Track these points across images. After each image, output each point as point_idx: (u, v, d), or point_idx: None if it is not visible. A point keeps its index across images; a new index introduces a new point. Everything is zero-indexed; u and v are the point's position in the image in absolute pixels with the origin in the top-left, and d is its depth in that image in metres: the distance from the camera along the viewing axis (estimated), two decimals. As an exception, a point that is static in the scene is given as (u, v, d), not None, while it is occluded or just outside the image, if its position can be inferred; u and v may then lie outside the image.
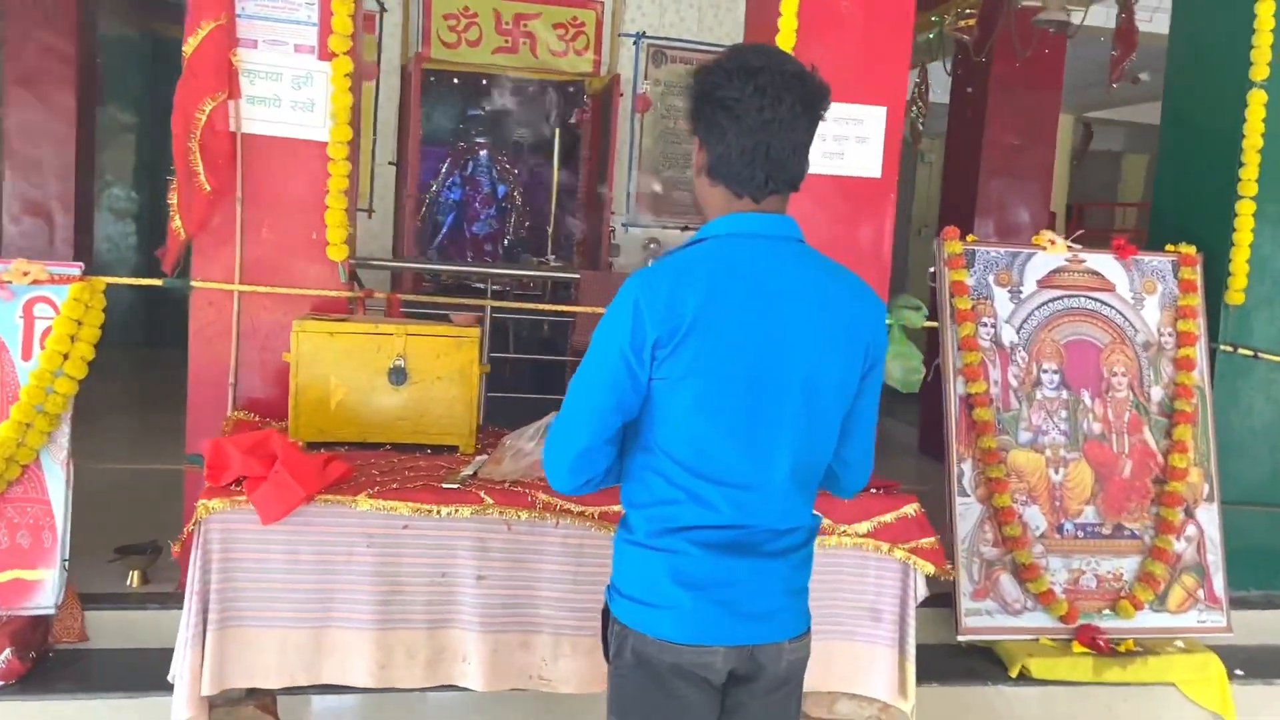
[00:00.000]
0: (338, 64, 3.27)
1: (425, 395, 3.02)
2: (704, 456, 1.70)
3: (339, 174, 3.29)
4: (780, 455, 1.72)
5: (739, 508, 1.71)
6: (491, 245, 8.20)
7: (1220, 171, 4.06)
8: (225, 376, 3.36)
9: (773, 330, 1.68)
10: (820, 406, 1.74)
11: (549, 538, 2.68)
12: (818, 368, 1.72)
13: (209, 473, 2.56)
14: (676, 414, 1.69)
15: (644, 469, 1.75)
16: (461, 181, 8.20)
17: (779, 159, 1.71)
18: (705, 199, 1.80)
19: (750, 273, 1.69)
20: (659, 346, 1.66)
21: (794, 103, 1.70)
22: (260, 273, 3.36)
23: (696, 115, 1.77)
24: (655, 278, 1.68)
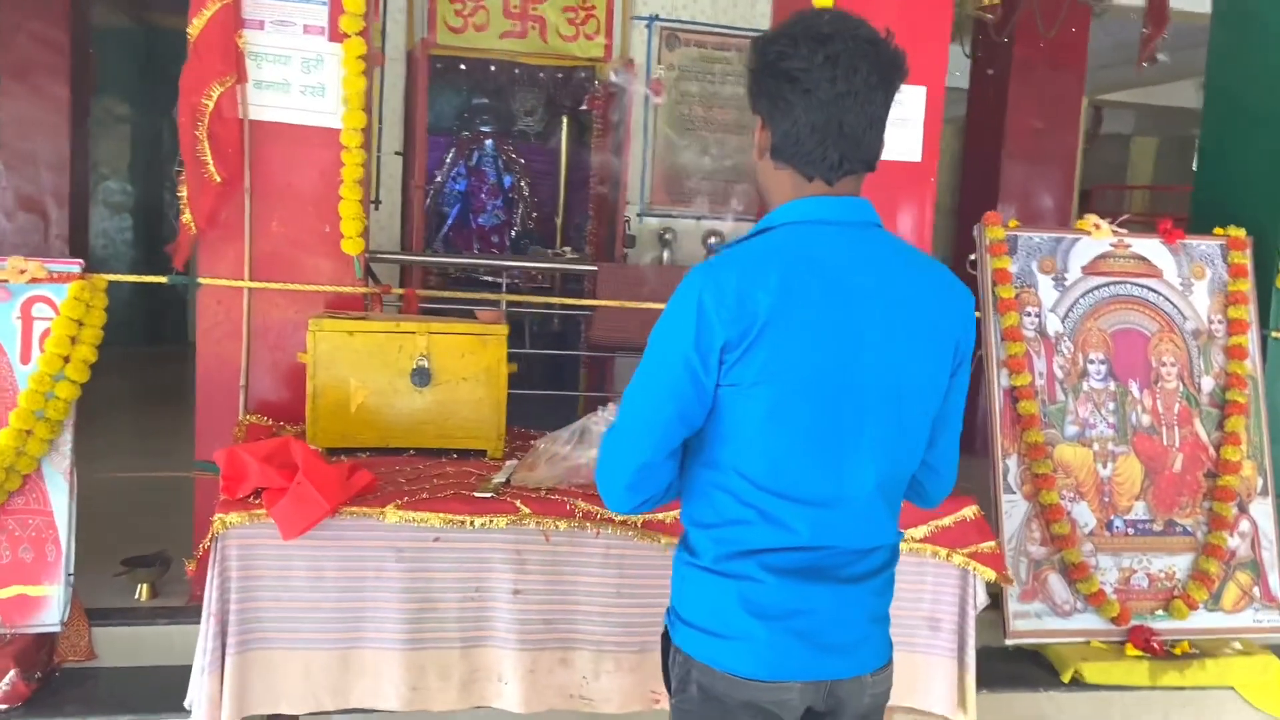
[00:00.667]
0: (350, 45, 3.09)
1: (451, 397, 2.85)
2: (779, 471, 1.52)
3: (353, 163, 3.11)
4: (865, 467, 1.55)
5: (818, 527, 1.54)
6: (498, 237, 8.02)
7: (1270, 152, 3.89)
8: (236, 379, 3.19)
9: (855, 328, 1.51)
10: (908, 410, 1.57)
11: (589, 548, 2.51)
12: (904, 368, 1.54)
13: (225, 484, 2.38)
14: (748, 424, 1.51)
15: (709, 486, 1.58)
16: (467, 172, 8.00)
17: (853, 135, 1.53)
18: (770, 183, 1.62)
19: (827, 264, 1.52)
20: (728, 350, 1.48)
21: (869, 72, 1.52)
22: (271, 268, 3.18)
23: (758, 90, 1.59)
24: (721, 272, 1.50)
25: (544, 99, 7.69)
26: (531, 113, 7.84)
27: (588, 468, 2.65)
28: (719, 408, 1.53)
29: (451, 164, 7.95)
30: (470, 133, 7.99)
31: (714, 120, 5.97)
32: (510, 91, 7.57)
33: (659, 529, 2.51)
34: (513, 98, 7.74)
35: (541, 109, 7.82)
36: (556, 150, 7.64)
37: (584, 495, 2.53)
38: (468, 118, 7.97)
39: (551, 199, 7.95)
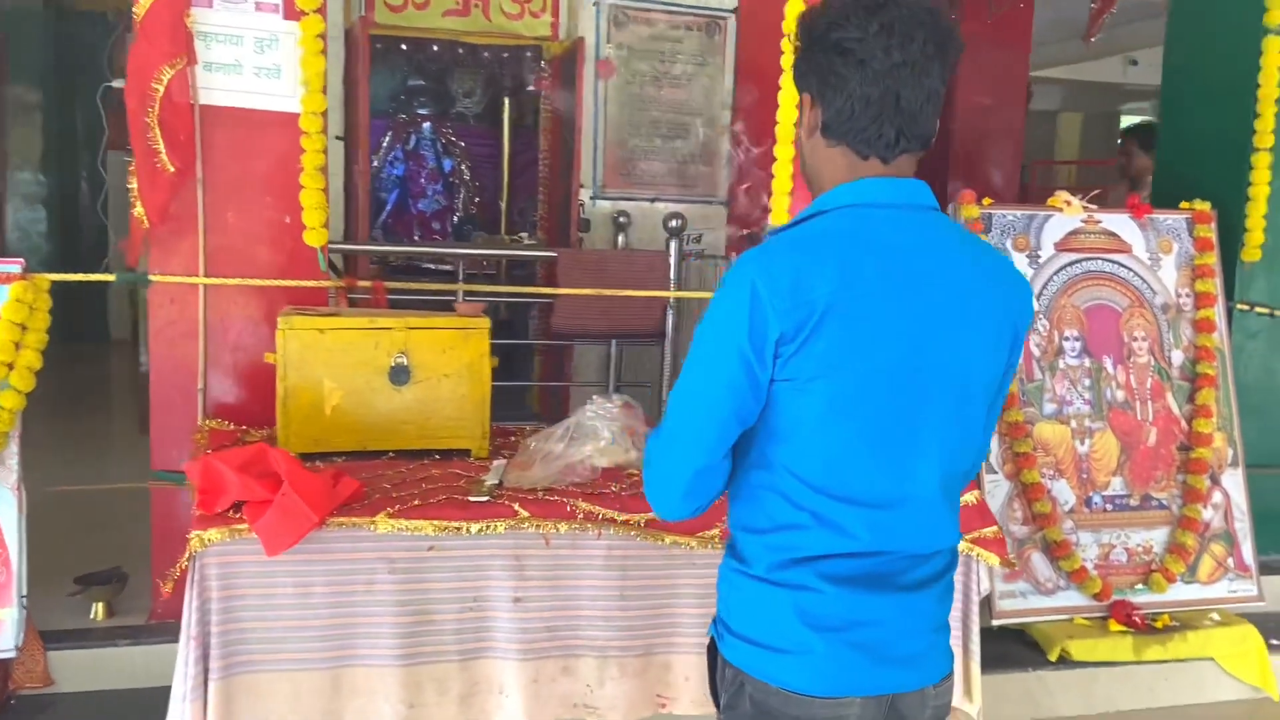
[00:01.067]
0: (307, 23, 2.90)
1: (432, 395, 2.70)
2: (837, 472, 1.43)
3: (314, 149, 2.94)
4: (929, 465, 1.46)
5: (877, 531, 1.45)
6: (440, 223, 7.80)
7: (1232, 124, 3.91)
8: (193, 381, 2.99)
9: (918, 317, 1.42)
10: (970, 403, 1.48)
11: (591, 551, 2.40)
12: (968, 359, 1.46)
13: (201, 498, 2.22)
14: (804, 422, 1.41)
15: (759, 488, 1.48)
16: (405, 156, 7.76)
17: (911, 110, 1.44)
18: (819, 164, 1.52)
19: (887, 250, 1.42)
20: (784, 342, 1.38)
21: (925, 42, 1.42)
22: (227, 263, 2.99)
23: (806, 65, 1.49)
24: (775, 259, 1.40)
25: (483, 80, 7.49)
26: (470, 94, 7.63)
27: (583, 465, 2.54)
28: (772, 404, 1.43)
29: (388, 148, 7.70)
30: (407, 115, 7.75)
31: (666, 100, 5.85)
32: (449, 72, 7.35)
33: (662, 528, 2.41)
34: (451, 79, 7.52)
35: (480, 90, 7.62)
36: (498, 133, 7.45)
37: (584, 495, 2.42)
38: (404, 100, 7.73)
39: (494, 183, 7.75)
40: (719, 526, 2.44)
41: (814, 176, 1.54)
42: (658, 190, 5.89)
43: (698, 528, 2.43)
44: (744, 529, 1.51)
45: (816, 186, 1.53)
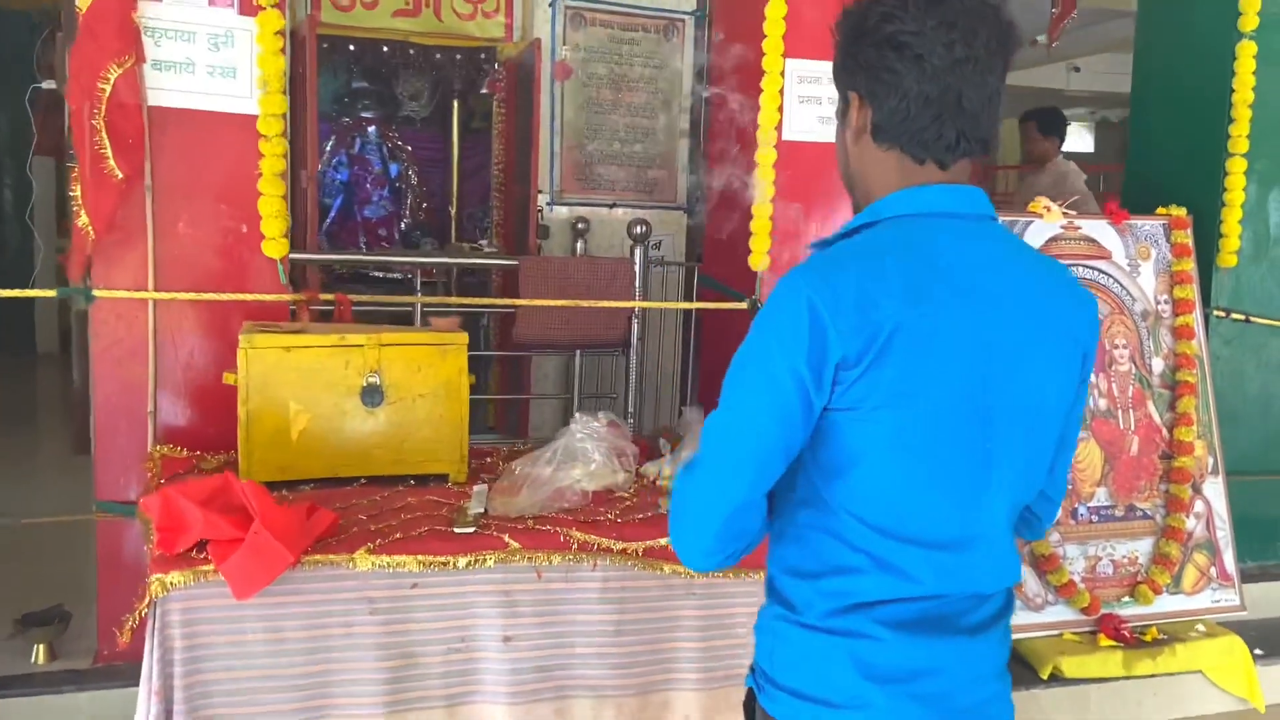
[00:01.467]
0: (265, 19, 2.71)
1: (406, 417, 2.53)
2: (901, 511, 1.29)
3: (273, 153, 2.74)
4: (998, 500, 1.34)
5: (943, 574, 1.31)
6: (386, 230, 7.57)
7: (1204, 130, 3.88)
8: (142, 404, 2.77)
9: (985, 338, 1.29)
10: (1040, 432, 1.36)
11: (585, 583, 2.24)
12: (1038, 383, 1.34)
13: (161, 537, 2.02)
14: (865, 456, 1.28)
15: (808, 528, 1.34)
16: (349, 161, 7.52)
17: (972, 111, 1.31)
18: (869, 169, 1.38)
19: (952, 265, 1.29)
20: (845, 366, 1.24)
21: (989, 38, 1.30)
22: (178, 276, 2.77)
23: (854, 61, 1.35)
24: (834, 273, 1.26)
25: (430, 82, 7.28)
26: (417, 96, 7.41)
27: (572, 490, 2.39)
28: (825, 436, 1.29)
29: (332, 152, 7.46)
30: (351, 118, 7.51)
31: (624, 103, 5.71)
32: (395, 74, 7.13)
33: (661, 557, 2.27)
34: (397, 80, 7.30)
35: (428, 92, 7.41)
36: (447, 136, 7.25)
37: (576, 523, 2.26)
38: (348, 102, 7.49)
39: (443, 188, 7.55)
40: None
41: (859, 182, 1.40)
42: (616, 195, 5.74)
43: (698, 556, 2.29)
44: (790, 572, 1.37)
45: (862, 193, 1.40)
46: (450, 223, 7.19)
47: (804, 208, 3.32)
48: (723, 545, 1.32)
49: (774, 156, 3.19)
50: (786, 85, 3.20)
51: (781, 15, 3.13)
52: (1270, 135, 3.80)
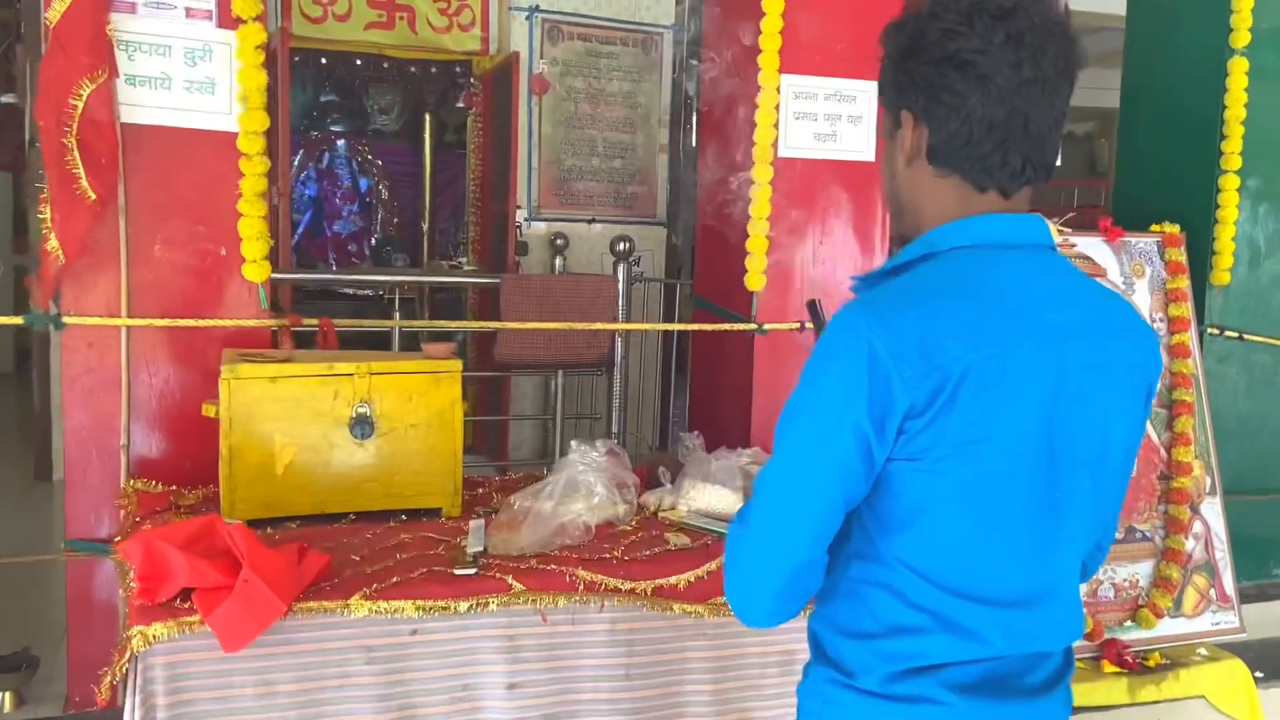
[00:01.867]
0: (246, 32, 2.58)
1: (398, 448, 2.40)
2: (968, 566, 1.20)
3: (254, 172, 2.61)
4: (1070, 552, 1.26)
5: (1013, 633, 1.22)
6: (356, 245, 7.44)
7: (1196, 147, 3.85)
8: (114, 437, 2.62)
9: (1055, 380, 1.20)
10: (1109, 475, 1.28)
11: (593, 625, 2.13)
12: (1106, 425, 1.25)
13: (142, 586, 1.88)
14: (929, 508, 1.18)
15: (864, 584, 1.24)
16: (318, 175, 7.39)
17: (1039, 135, 1.23)
18: (921, 195, 1.29)
19: (1018, 301, 1.20)
20: (912, 415, 1.15)
21: (1057, 57, 1.22)
22: (153, 301, 2.63)
23: (908, 79, 1.26)
24: (894, 313, 1.17)
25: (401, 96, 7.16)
26: (388, 110, 7.30)
27: (575, 525, 2.28)
28: (886, 486, 1.19)
29: (300, 167, 7.33)
30: (320, 132, 7.38)
31: (602, 118, 5.62)
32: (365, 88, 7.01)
33: (670, 596, 2.17)
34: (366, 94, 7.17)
35: (399, 106, 7.29)
36: (419, 150, 7.13)
37: (582, 561, 2.15)
38: (317, 116, 7.36)
39: (414, 203, 7.43)
40: (731, 592, 2.20)
41: (910, 208, 1.31)
42: (595, 211, 5.66)
43: (710, 594, 2.19)
44: (844, 632, 1.27)
45: (912, 220, 1.31)
46: (422, 238, 7.08)
47: (801, 226, 3.24)
48: (785, 605, 1.22)
49: (771, 174, 3.10)
50: (782, 101, 3.12)
51: (777, 30, 3.05)
52: (1262, 152, 3.78)
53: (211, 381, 2.59)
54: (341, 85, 6.90)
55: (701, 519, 2.44)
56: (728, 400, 3.42)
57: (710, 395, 3.60)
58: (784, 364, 3.25)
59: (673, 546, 2.28)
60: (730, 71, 3.31)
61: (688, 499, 2.54)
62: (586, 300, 4.31)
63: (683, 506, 2.53)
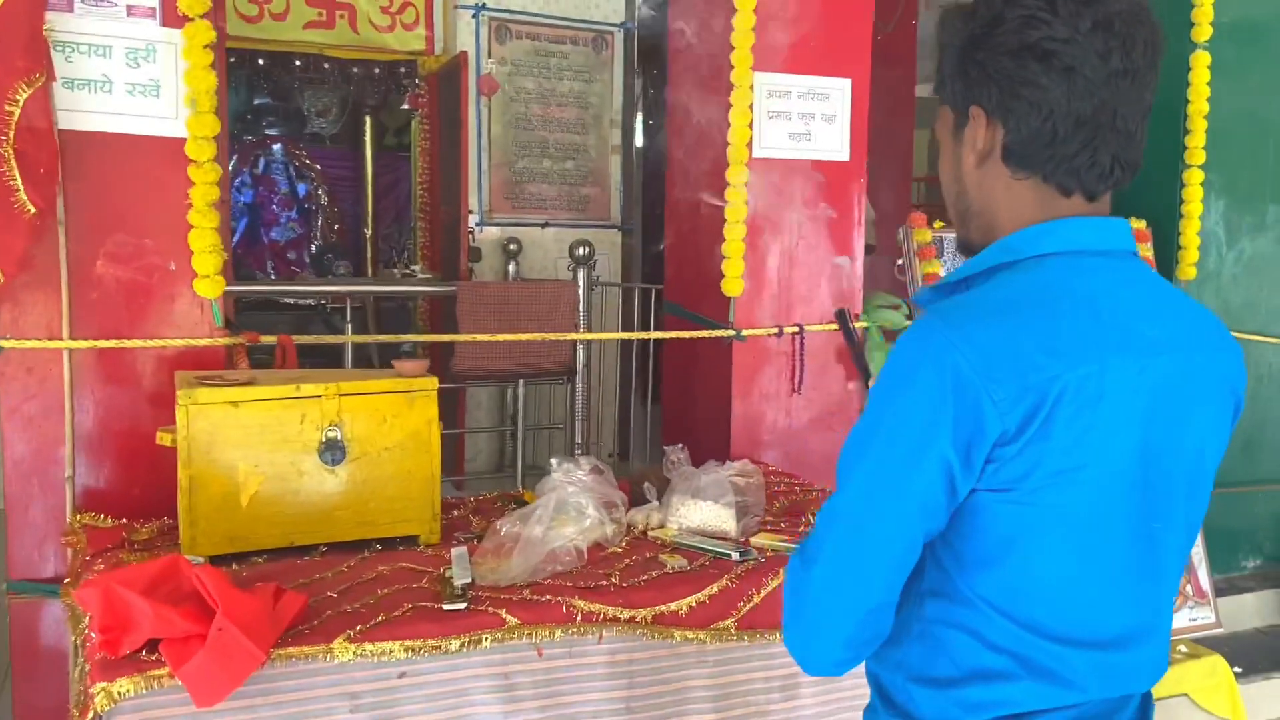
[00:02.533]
0: (193, 30, 2.41)
1: (371, 473, 2.25)
2: (1062, 605, 1.10)
3: (205, 180, 2.44)
4: (1168, 585, 1.16)
5: (1108, 677, 1.13)
6: (296, 253, 7.20)
7: (1160, 141, 3.84)
8: (59, 468, 2.44)
9: (1151, 398, 1.10)
10: (1201, 497, 1.18)
11: (591, 659, 2.01)
12: (1199, 444, 1.15)
13: (104, 638, 1.71)
14: (1019, 543, 1.08)
15: (938, 624, 1.13)
16: (253, 180, 7.13)
17: (1127, 131, 1.12)
18: (994, 197, 1.17)
19: (1109, 313, 1.10)
20: (1004, 442, 1.04)
21: (1146, 47, 1.11)
22: (97, 321, 2.45)
23: (980, 71, 1.13)
24: (979, 327, 1.05)
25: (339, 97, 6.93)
26: (325, 113, 7.06)
27: (566, 550, 2.15)
28: (969, 519, 1.09)
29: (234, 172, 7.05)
30: (255, 136, 7.13)
31: (553, 119, 5.48)
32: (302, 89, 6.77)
33: (671, 623, 2.05)
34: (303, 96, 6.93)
35: (337, 108, 7.07)
36: (360, 154, 6.93)
37: (578, 590, 2.03)
38: (251, 119, 7.10)
39: (356, 208, 7.22)
40: (732, 617, 2.10)
41: (980, 212, 1.19)
42: (548, 215, 5.52)
43: (712, 619, 2.08)
44: (916, 678, 1.15)
45: (983, 226, 1.19)
46: (365, 245, 6.87)
47: (777, 228, 3.15)
48: (854, 652, 1.11)
49: (746, 175, 3.00)
50: (756, 100, 3.02)
51: (750, 26, 2.95)
52: (1225, 146, 3.79)
53: (162, 406, 2.44)
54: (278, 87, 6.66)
55: (695, 538, 2.33)
56: (705, 409, 3.31)
57: (686, 405, 3.49)
58: (763, 371, 3.15)
59: (670, 569, 2.16)
60: (699, 70, 3.21)
61: (678, 516, 2.42)
62: (546, 307, 4.17)
63: (673, 525, 2.42)
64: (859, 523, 1.08)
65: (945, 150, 1.22)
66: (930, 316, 1.09)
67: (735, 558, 2.22)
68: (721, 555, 2.23)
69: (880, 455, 1.07)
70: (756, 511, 2.48)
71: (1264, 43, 3.84)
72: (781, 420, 3.19)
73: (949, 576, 1.12)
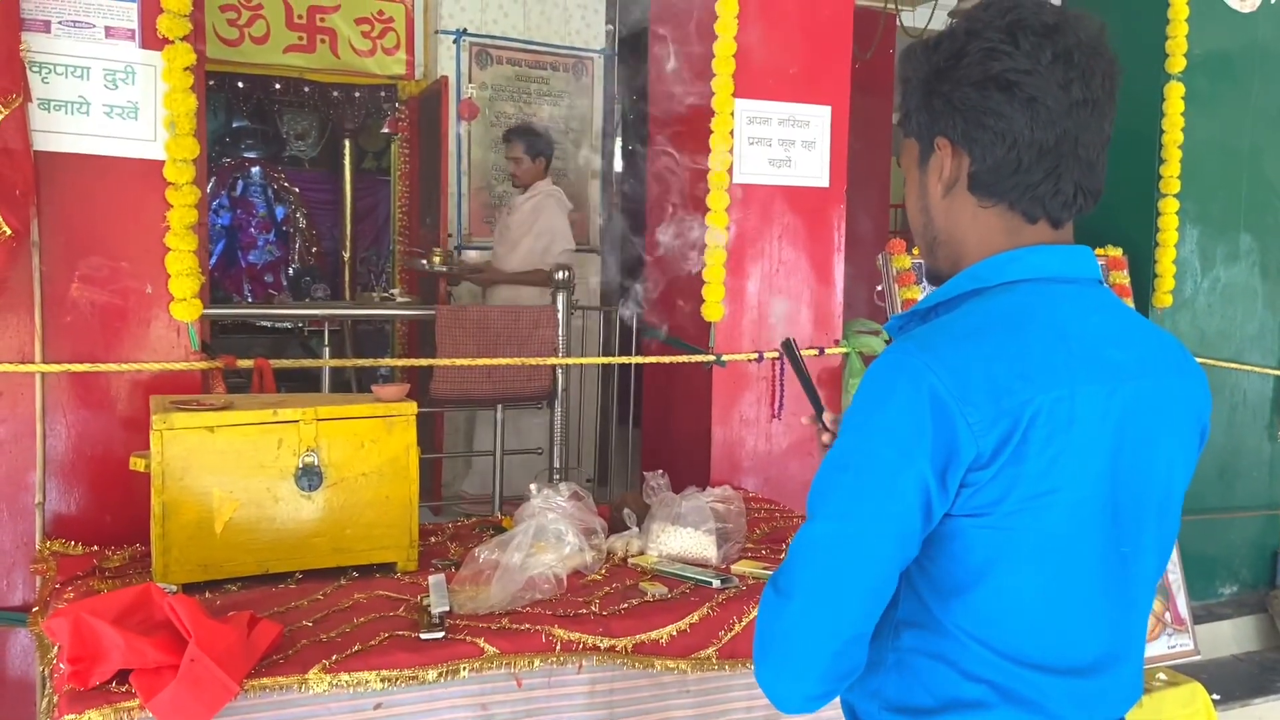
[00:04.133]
0: (173, 53, 2.40)
1: (349, 500, 2.23)
2: (1037, 632, 1.10)
3: (183, 203, 2.42)
4: (1140, 610, 1.17)
5: (1082, 703, 1.13)
6: (273, 276, 7.16)
7: (1136, 170, 3.89)
8: (28, 494, 2.39)
9: (1121, 423, 1.11)
10: (1168, 524, 1.19)
11: (571, 688, 1.98)
12: (1167, 470, 1.16)
13: (74, 669, 1.67)
14: (994, 569, 1.08)
15: (914, 654, 1.13)
16: (231, 204, 7.10)
17: (1088, 160, 1.14)
18: (961, 227, 1.18)
19: (1080, 338, 1.11)
20: (979, 466, 1.04)
21: (1104, 79, 1.14)
22: (70, 345, 2.42)
23: (944, 102, 1.15)
24: (953, 352, 1.06)
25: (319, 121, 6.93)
26: (304, 136, 7.05)
27: (545, 578, 2.13)
28: (943, 545, 1.09)
29: (212, 195, 7.02)
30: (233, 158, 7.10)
31: (533, 143, 5.48)
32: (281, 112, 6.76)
33: (651, 652, 2.03)
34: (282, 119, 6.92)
35: (315, 131, 7.06)
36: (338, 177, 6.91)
37: (557, 619, 2.00)
38: (229, 142, 7.08)
39: (334, 232, 7.19)
40: (714, 646, 2.08)
41: (947, 241, 1.20)
42: (527, 239, 5.50)
43: (693, 648, 2.06)
44: (892, 708, 1.15)
45: (950, 254, 1.20)
46: (343, 268, 6.84)
47: (757, 254, 3.15)
48: (829, 687, 1.09)
49: (727, 200, 3.01)
50: (736, 126, 3.04)
51: (731, 53, 2.96)
52: (1199, 175, 3.83)
53: (136, 431, 2.41)
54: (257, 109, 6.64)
55: (676, 565, 2.31)
56: (685, 435, 3.30)
57: (665, 430, 3.48)
58: (743, 396, 3.15)
59: (650, 598, 2.14)
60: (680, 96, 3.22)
61: (658, 543, 2.40)
62: (526, 331, 4.15)
63: (653, 552, 2.40)
64: (834, 550, 1.07)
65: (911, 181, 1.24)
66: (903, 341, 1.09)
67: (716, 585, 2.20)
68: (702, 583, 2.22)
69: (856, 478, 1.07)
70: (737, 538, 2.47)
71: (1236, 74, 3.89)
72: (762, 445, 3.18)
73: (924, 605, 1.11)
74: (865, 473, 1.06)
